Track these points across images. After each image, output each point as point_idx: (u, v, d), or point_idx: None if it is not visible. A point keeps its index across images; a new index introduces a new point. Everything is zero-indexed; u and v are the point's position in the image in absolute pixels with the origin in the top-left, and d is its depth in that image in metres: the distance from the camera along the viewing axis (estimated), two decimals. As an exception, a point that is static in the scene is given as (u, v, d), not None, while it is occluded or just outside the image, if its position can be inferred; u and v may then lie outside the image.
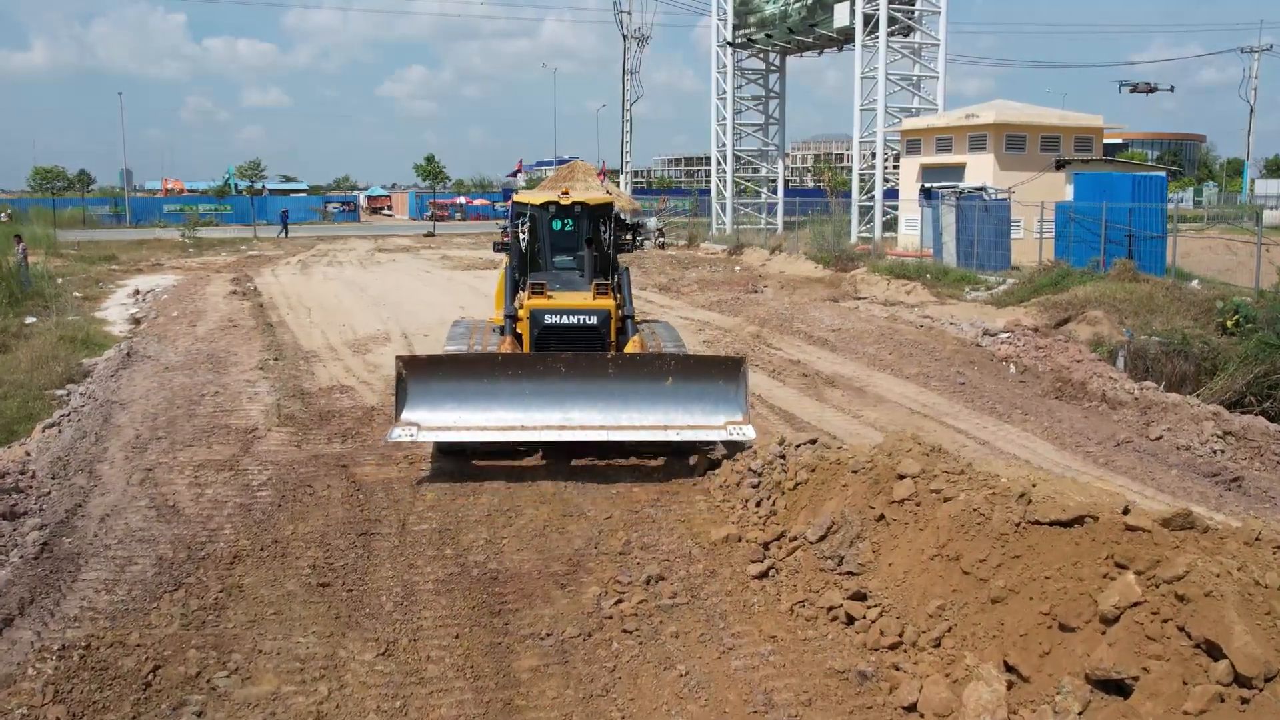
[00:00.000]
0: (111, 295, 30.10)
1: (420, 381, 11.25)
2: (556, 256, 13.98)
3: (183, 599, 8.86)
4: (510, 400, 11.39)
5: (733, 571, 9.27)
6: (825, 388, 16.71)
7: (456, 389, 11.31)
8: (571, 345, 12.27)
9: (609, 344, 12.58)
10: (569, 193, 14.04)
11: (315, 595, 8.93)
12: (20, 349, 19.55)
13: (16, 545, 10.19)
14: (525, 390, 11.40)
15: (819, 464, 10.30)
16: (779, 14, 48.49)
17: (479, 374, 11.43)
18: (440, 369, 11.50)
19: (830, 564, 8.90)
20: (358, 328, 22.68)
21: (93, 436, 13.78)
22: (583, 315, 12.49)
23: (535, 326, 12.46)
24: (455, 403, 11.29)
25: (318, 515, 10.82)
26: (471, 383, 11.36)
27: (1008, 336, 19.06)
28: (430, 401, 11.24)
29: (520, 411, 11.34)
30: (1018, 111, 36.64)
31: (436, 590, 9.03)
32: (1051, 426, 14.70)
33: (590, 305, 12.58)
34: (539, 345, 12.40)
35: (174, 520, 10.74)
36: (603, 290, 12.77)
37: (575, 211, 13.88)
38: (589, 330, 12.49)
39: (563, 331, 12.43)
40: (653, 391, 11.57)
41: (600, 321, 12.52)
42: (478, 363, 11.69)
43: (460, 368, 11.58)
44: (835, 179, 56.02)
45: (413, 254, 46.36)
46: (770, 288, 29.89)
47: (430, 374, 11.36)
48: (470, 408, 11.30)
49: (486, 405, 11.34)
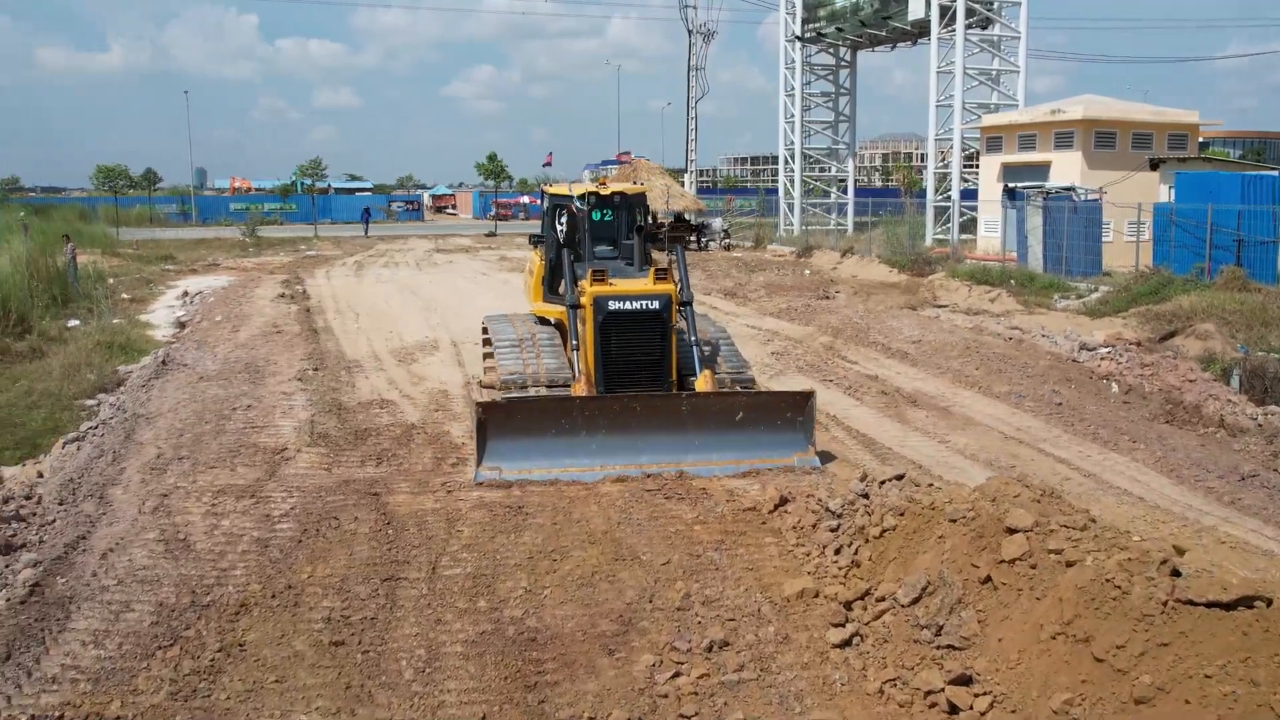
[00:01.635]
0: (160, 297, 29.37)
1: (500, 428, 11.50)
2: (597, 246, 14.26)
3: (176, 658, 7.73)
4: (588, 441, 11.67)
5: (810, 638, 7.90)
6: (907, 407, 15.25)
7: (536, 433, 11.60)
8: (635, 330, 12.68)
9: (670, 329, 12.84)
10: (606, 183, 14.65)
11: (325, 657, 7.74)
12: (56, 355, 18.71)
13: (5, 585, 9.17)
14: (600, 429, 11.68)
15: (909, 508, 8.89)
16: (851, 7, 46.78)
17: (557, 418, 11.68)
18: (519, 414, 11.76)
19: (926, 634, 7.50)
20: (405, 335, 21.58)
21: (111, 455, 12.77)
22: (645, 300, 12.62)
23: (599, 313, 12.51)
24: (535, 446, 11.55)
25: (340, 554, 9.65)
26: (550, 425, 11.63)
27: (1108, 351, 17.33)
28: (510, 446, 11.51)
29: (598, 455, 11.62)
30: (1107, 107, 34.59)
31: (465, 654, 7.80)
32: (1165, 456, 13.11)
33: (652, 290, 12.72)
34: (602, 332, 12.56)
35: (182, 557, 9.65)
36: (662, 275, 12.91)
37: (614, 202, 14.40)
38: (651, 315, 12.65)
39: (626, 317, 12.60)
40: (723, 427, 11.91)
41: (662, 306, 12.67)
42: (556, 407, 11.89)
43: (539, 413, 11.78)
44: (908, 178, 54.09)
45: (471, 255, 45.41)
46: (842, 293, 28.34)
47: (509, 419, 11.62)
48: (549, 451, 11.57)
49: (566, 448, 11.61)
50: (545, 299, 14.69)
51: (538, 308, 14.88)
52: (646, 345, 12.78)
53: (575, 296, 12.98)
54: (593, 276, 12.69)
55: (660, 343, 12.83)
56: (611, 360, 12.66)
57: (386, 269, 38.57)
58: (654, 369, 12.84)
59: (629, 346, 12.72)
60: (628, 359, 12.72)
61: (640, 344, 12.76)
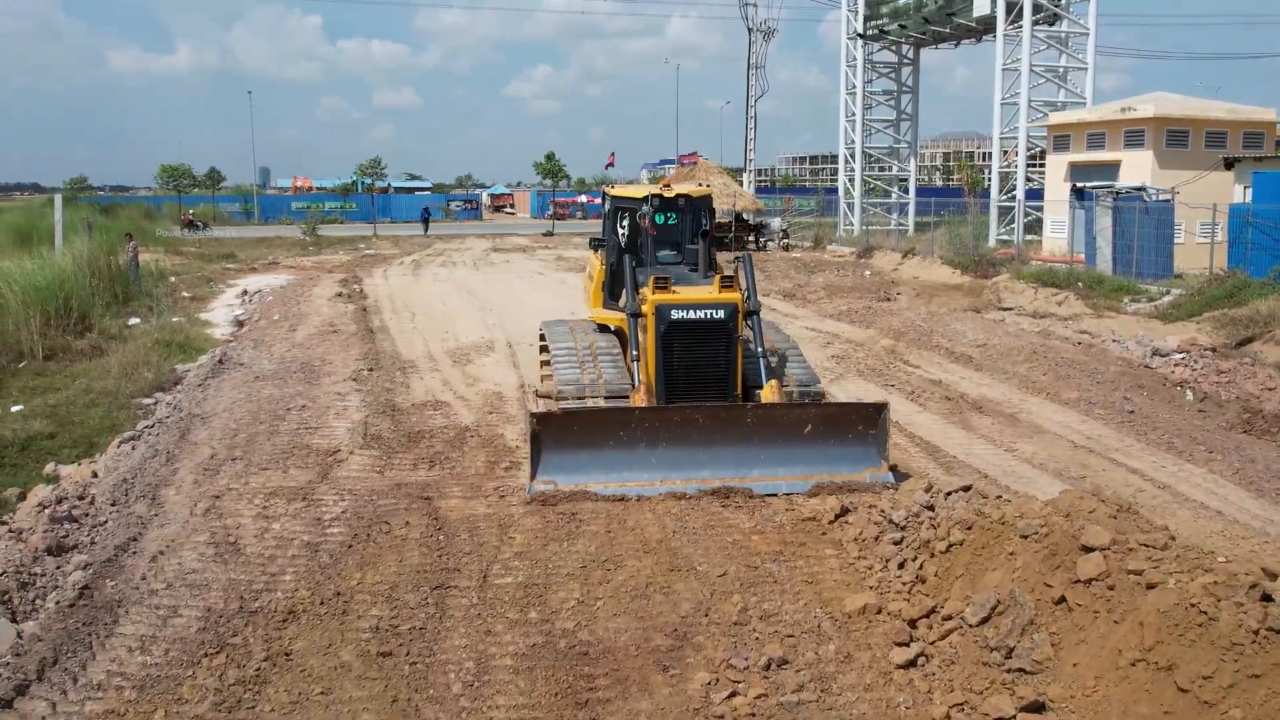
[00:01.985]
0: (220, 296, 29.61)
1: (555, 440, 10.93)
2: (660, 251, 13.76)
3: (221, 667, 7.59)
4: (647, 454, 11.05)
5: (872, 657, 7.57)
6: (972, 414, 14.80)
7: (593, 446, 10.97)
8: (699, 341, 12.10)
9: (736, 339, 12.20)
10: (669, 185, 13.85)
11: (372, 668, 7.55)
12: (115, 353, 18.83)
13: (56, 587, 9.15)
14: (661, 441, 11.05)
15: (977, 521, 8.53)
16: (914, 3, 46.12)
17: (615, 429, 11.05)
18: (575, 426, 11.13)
19: (996, 656, 7.15)
20: (461, 335, 21.47)
21: (165, 455, 12.74)
22: (710, 309, 12.00)
23: (661, 322, 11.96)
24: (592, 459, 10.94)
25: (390, 560, 9.47)
26: (608, 437, 11.01)
27: (1182, 357, 16.70)
28: (566, 459, 10.92)
29: (658, 469, 11.00)
30: (1180, 104, 33.63)
31: (515, 667, 7.57)
32: (1243, 468, 12.56)
33: (717, 299, 12.08)
34: (665, 341, 12.04)
35: (232, 561, 9.53)
36: (728, 283, 12.29)
37: (679, 205, 13.75)
38: (717, 325, 12.04)
39: (690, 327, 12.02)
40: (791, 441, 11.23)
41: (728, 315, 12.03)
42: (614, 419, 11.22)
43: (596, 425, 11.13)
44: (971, 177, 53.18)
45: (528, 254, 45.37)
46: (904, 295, 27.80)
47: (565, 431, 11.03)
48: (607, 464, 10.95)
49: (625, 462, 11.01)
50: (605, 305, 14.08)
51: (597, 314, 14.26)
52: (711, 357, 12.17)
53: (636, 304, 12.37)
54: (655, 283, 12.14)
55: (725, 354, 12.21)
56: (674, 372, 12.12)
57: (444, 268, 38.66)
58: (718, 381, 12.22)
59: (692, 358, 12.14)
60: (691, 371, 12.15)
61: (704, 355, 12.17)
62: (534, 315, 23.82)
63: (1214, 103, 34.86)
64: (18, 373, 17.69)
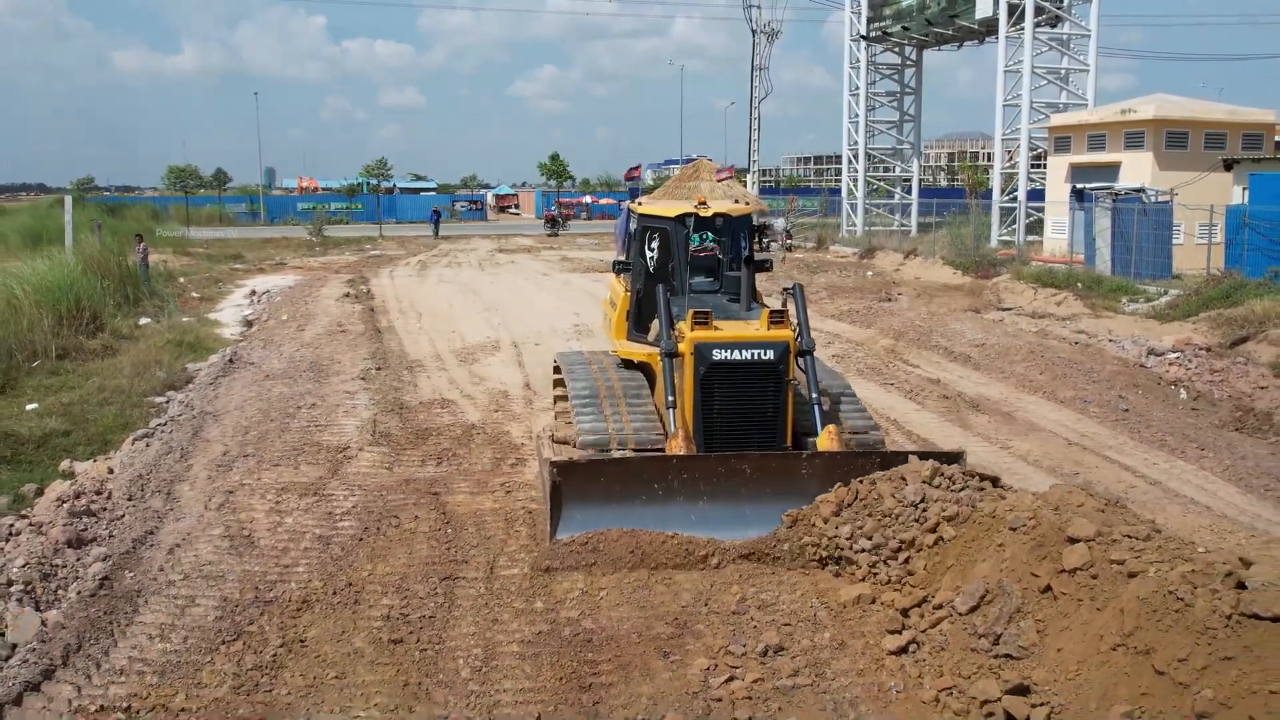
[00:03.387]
0: (229, 296, 30.00)
1: (578, 493, 9.58)
2: (693, 278, 11.80)
3: (239, 653, 7.90)
4: (685, 512, 9.67)
5: (865, 644, 7.85)
6: (969, 412, 15.09)
7: (622, 500, 9.59)
8: (744, 386, 10.40)
9: (786, 383, 10.53)
10: (706, 203, 12.07)
11: (384, 654, 7.85)
12: (127, 352, 19.15)
13: (76, 578, 9.44)
14: (702, 495, 9.70)
15: (969, 515, 8.79)
16: (917, 5, 46.42)
17: (649, 482, 9.66)
18: (602, 478, 9.70)
19: (984, 643, 7.42)
20: (467, 335, 21.81)
21: (179, 452, 13.07)
22: (758, 349, 10.32)
23: (701, 364, 10.28)
24: (621, 515, 9.55)
25: (400, 553, 9.79)
26: (641, 491, 9.62)
27: (1177, 357, 17.01)
28: (591, 514, 9.56)
29: (697, 528, 9.54)
30: (1179, 106, 33.95)
31: (521, 654, 7.87)
32: (1234, 465, 12.85)
33: (766, 337, 10.42)
34: (704, 386, 10.34)
35: (246, 553, 9.86)
36: (777, 319, 10.60)
37: (716, 225, 11.80)
38: (765, 367, 10.35)
39: (734, 369, 10.33)
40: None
41: (778, 356, 10.34)
42: (648, 469, 9.82)
43: (627, 476, 9.73)
44: (974, 178, 53.53)
45: (533, 255, 45.70)
46: (905, 295, 28.11)
47: (590, 483, 9.63)
48: (639, 522, 9.52)
49: (658, 518, 9.59)
50: (630, 336, 12.27)
51: (621, 347, 12.29)
52: (758, 403, 10.50)
53: (673, 343, 10.62)
54: (694, 318, 10.45)
55: (774, 399, 10.52)
56: (714, 421, 10.43)
57: (449, 269, 39.09)
58: (766, 431, 10.53)
59: (737, 404, 10.45)
60: (735, 419, 10.47)
61: (750, 401, 10.48)
62: (539, 316, 24.26)
63: (1214, 104, 35.19)
64: (32, 371, 17.98)
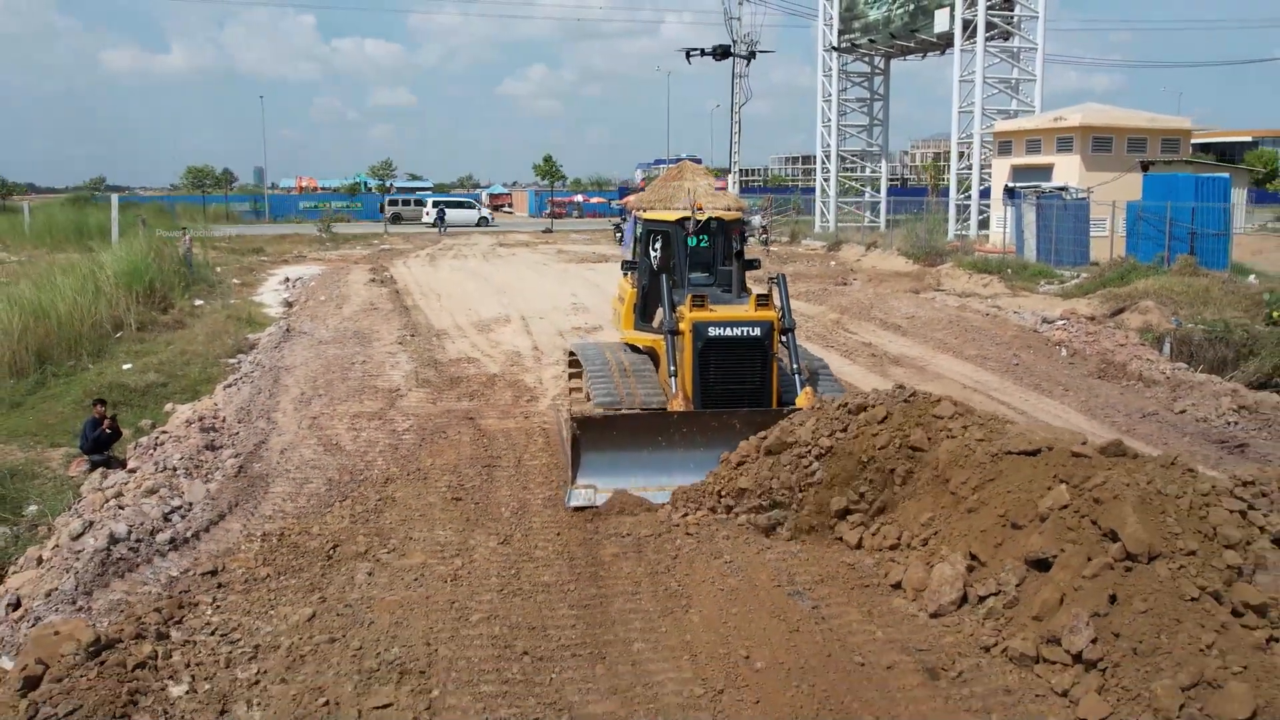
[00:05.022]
0: (264, 282, 33.66)
1: (595, 444, 11.38)
2: (692, 273, 13.89)
3: (350, 506, 11.50)
4: (685, 460, 11.53)
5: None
6: (890, 366, 18.80)
7: (632, 449, 11.46)
8: (735, 358, 12.29)
9: (771, 356, 12.44)
10: (702, 208, 14.01)
11: (451, 506, 11.50)
12: (195, 326, 22.82)
13: (219, 468, 13.02)
14: (699, 445, 11.56)
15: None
16: (882, 19, 50.18)
17: (654, 434, 11.53)
18: (615, 430, 11.53)
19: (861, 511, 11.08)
20: (482, 312, 25.53)
21: (266, 393, 16.69)
22: (746, 327, 12.23)
23: (699, 339, 12.15)
24: (631, 462, 11.44)
25: (450, 453, 13.44)
26: (647, 441, 11.49)
27: (1063, 323, 20.84)
28: (605, 462, 11.43)
29: (695, 473, 11.39)
30: (1104, 114, 37.76)
31: (544, 505, 11.52)
32: (1088, 401, 16.54)
33: (753, 317, 12.32)
34: (702, 358, 12.20)
35: (337, 454, 13.48)
36: (763, 302, 12.52)
37: (710, 227, 13.92)
38: (753, 342, 12.25)
39: (726, 344, 12.21)
40: None
41: (764, 333, 12.25)
42: (652, 423, 11.63)
43: (635, 429, 11.57)
44: (936, 178, 57.19)
45: (531, 249, 49.22)
46: (859, 281, 31.86)
47: (605, 435, 11.43)
48: (646, 468, 11.45)
49: (662, 465, 11.50)
50: (637, 327, 14.02)
51: (629, 335, 14.18)
52: (747, 373, 12.32)
53: (674, 322, 12.35)
54: (692, 302, 12.30)
55: (761, 371, 12.35)
56: (710, 389, 12.22)
57: (457, 260, 42.60)
58: (754, 398, 12.31)
59: (729, 375, 12.28)
60: (727, 387, 12.27)
61: (740, 372, 12.31)
62: (542, 297, 27.95)
63: (1136, 112, 38.81)
64: (119, 340, 21.60)
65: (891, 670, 7.66)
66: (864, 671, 7.63)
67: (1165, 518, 8.19)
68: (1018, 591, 8.41)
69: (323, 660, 7.82)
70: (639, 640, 8.19)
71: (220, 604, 8.87)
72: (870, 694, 7.35)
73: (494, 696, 7.34)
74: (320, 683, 7.49)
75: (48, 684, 7.20)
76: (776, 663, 7.73)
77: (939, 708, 7.21)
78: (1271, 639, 7.36)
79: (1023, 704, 7.26)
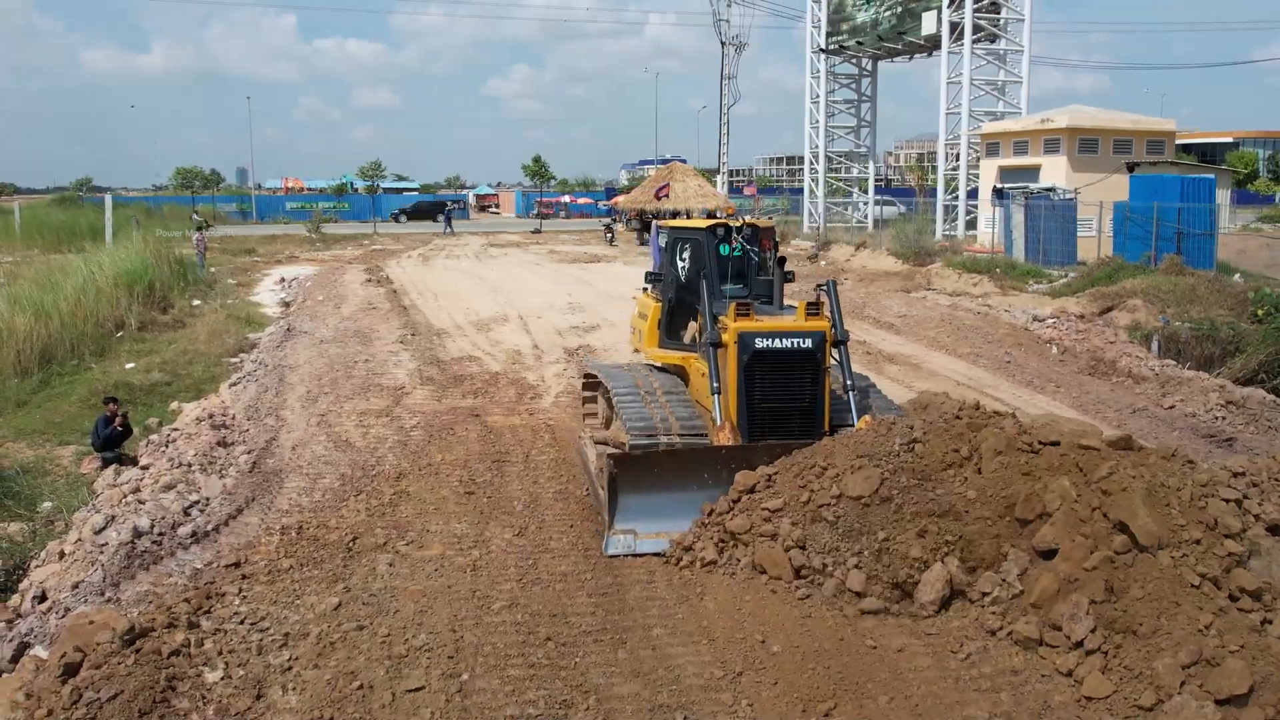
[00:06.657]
0: (260, 283, 33.83)
1: (634, 484, 10.19)
2: (725, 284, 12.59)
3: (365, 500, 11.75)
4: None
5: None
6: (885, 364, 19.13)
7: (676, 489, 10.21)
8: (783, 374, 11.09)
9: (823, 371, 11.26)
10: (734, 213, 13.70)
11: (464, 500, 11.76)
12: (196, 325, 23.01)
13: (233, 464, 13.25)
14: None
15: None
16: (870, 22, 50.57)
17: (699, 471, 10.31)
18: (657, 469, 10.38)
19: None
20: (479, 311, 25.77)
21: (273, 391, 16.91)
22: (797, 338, 11.04)
23: (744, 352, 10.97)
24: (674, 504, 10.15)
25: (459, 449, 13.69)
26: (692, 480, 10.26)
27: (1053, 321, 21.24)
28: (646, 504, 10.18)
29: None
30: (1090, 116, 38.26)
31: (555, 498, 11.80)
32: (1079, 397, 16.90)
33: (804, 327, 11.13)
34: (748, 372, 11.03)
35: (348, 450, 13.72)
36: (813, 310, 11.35)
37: (744, 235, 12.75)
38: (804, 354, 11.05)
39: (775, 357, 11.02)
40: None
41: (815, 345, 11.06)
42: (698, 459, 10.52)
43: (678, 467, 10.39)
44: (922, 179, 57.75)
45: (522, 249, 49.39)
46: (850, 280, 32.21)
47: (644, 474, 10.27)
48: (691, 510, 10.14)
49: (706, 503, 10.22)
50: (663, 344, 12.98)
51: (653, 353, 13.14)
52: (797, 389, 11.10)
53: (717, 333, 11.24)
54: (736, 310, 11.10)
55: (812, 386, 11.14)
56: (756, 406, 11.05)
57: (450, 260, 42.75)
58: (805, 417, 11.15)
59: (777, 391, 11.06)
60: (776, 405, 11.08)
61: (790, 388, 11.09)
62: (537, 296, 28.21)
63: (1122, 114, 39.33)
64: (120, 339, 21.78)
65: (902, 653, 7.98)
66: (876, 654, 7.95)
67: (1170, 509, 8.53)
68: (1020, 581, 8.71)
69: (353, 647, 8.08)
70: (657, 626, 8.49)
71: (246, 594, 9.11)
72: (883, 675, 7.66)
73: (522, 679, 7.62)
74: (352, 667, 7.76)
75: (87, 670, 7.46)
76: (792, 647, 8.03)
77: (949, 688, 7.53)
78: (1266, 621, 7.72)
79: (1030, 684, 7.58)
